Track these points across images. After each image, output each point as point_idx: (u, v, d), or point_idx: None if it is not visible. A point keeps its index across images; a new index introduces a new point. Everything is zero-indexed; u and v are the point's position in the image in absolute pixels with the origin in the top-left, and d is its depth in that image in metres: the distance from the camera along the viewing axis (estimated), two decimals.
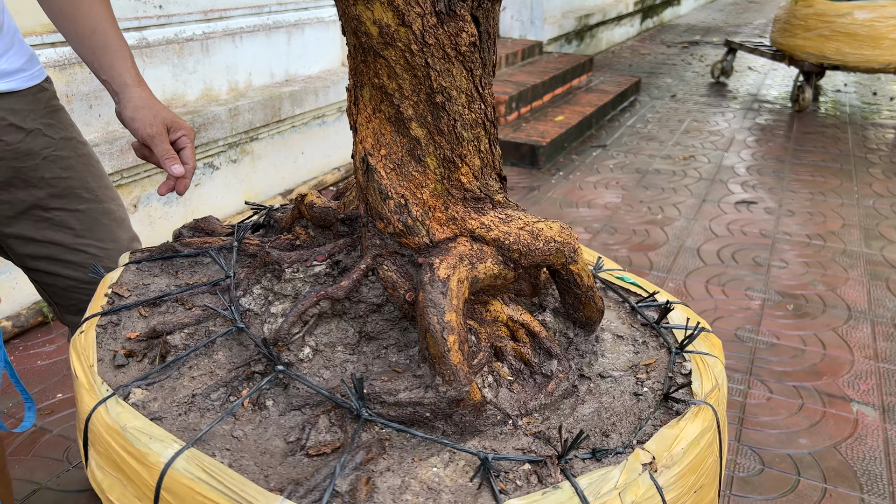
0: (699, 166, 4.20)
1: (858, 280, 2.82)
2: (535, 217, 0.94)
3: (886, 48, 5.11)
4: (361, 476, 0.74)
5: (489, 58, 0.87)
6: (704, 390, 0.90)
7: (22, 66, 1.18)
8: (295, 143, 3.44)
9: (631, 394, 0.91)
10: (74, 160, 1.24)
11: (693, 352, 0.98)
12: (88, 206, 1.25)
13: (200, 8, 2.95)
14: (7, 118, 1.15)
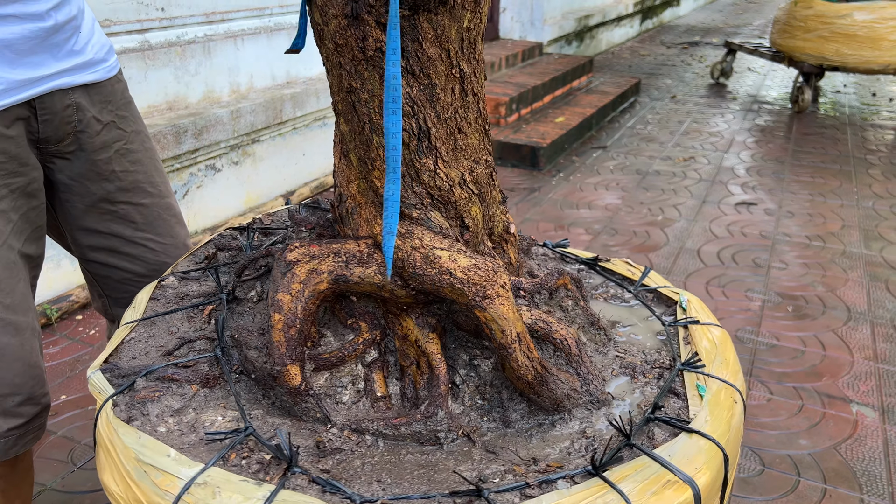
0: (699, 167, 4.21)
1: (858, 281, 2.83)
2: (447, 244, 0.85)
3: (886, 49, 5.12)
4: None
5: (425, 69, 0.82)
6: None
7: (104, 55, 1.18)
8: (296, 145, 3.45)
9: None
10: (142, 154, 1.25)
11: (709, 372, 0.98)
12: (152, 200, 1.26)
13: (202, 10, 2.96)
14: (90, 109, 1.15)
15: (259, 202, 3.28)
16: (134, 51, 2.67)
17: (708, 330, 1.04)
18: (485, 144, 0.91)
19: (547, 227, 3.32)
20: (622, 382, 0.94)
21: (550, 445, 0.83)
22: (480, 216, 0.91)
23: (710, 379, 0.92)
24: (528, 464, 0.79)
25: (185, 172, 2.84)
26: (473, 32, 0.84)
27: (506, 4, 5.71)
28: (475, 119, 0.88)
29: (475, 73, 0.86)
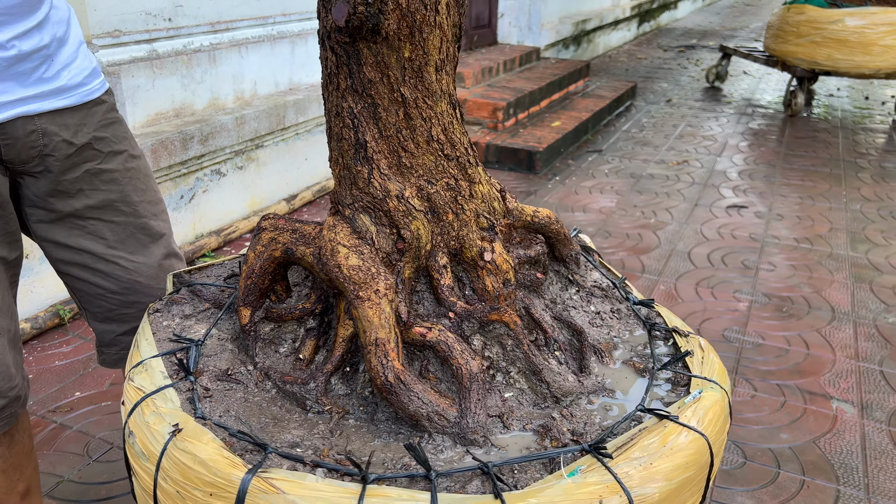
0: (692, 171, 4.31)
1: (843, 282, 2.93)
2: (354, 243, 0.97)
3: (876, 54, 5.21)
4: None
5: (367, 89, 0.92)
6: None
7: (83, 80, 1.19)
8: (299, 150, 3.54)
9: None
10: (120, 174, 1.26)
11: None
12: (125, 219, 1.27)
13: (208, 20, 3.05)
14: (60, 133, 1.16)
15: (263, 206, 3.37)
16: (142, 60, 2.76)
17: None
18: (447, 168, 0.96)
19: None
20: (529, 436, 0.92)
21: (384, 451, 0.87)
22: (427, 233, 0.97)
23: None
24: (341, 452, 0.85)
25: (192, 177, 2.93)
26: (417, 63, 0.90)
27: (504, 10, 5.80)
28: (426, 142, 0.94)
29: (423, 100, 0.92)
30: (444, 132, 0.94)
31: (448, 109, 0.94)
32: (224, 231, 3.07)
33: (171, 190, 2.84)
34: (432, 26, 0.87)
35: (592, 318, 1.12)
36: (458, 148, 0.96)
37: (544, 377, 0.96)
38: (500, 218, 1.01)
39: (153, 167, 2.67)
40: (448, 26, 0.89)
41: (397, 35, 0.87)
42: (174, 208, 2.87)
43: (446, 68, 0.91)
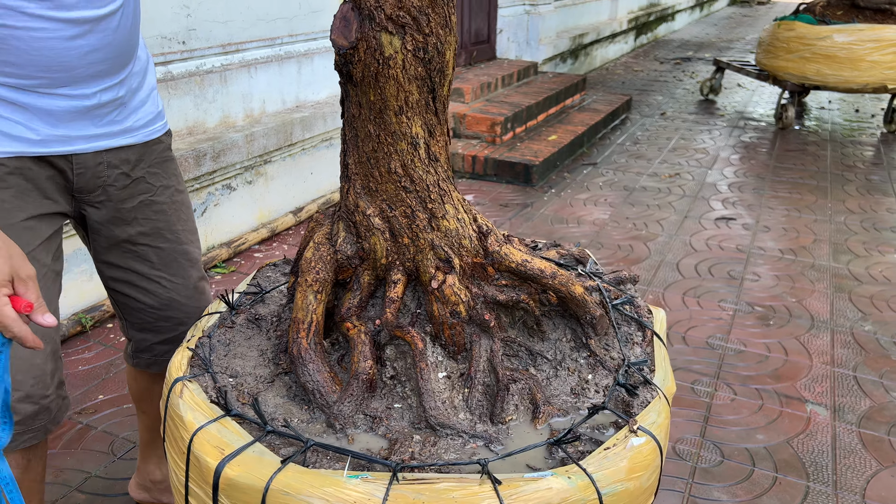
0: (684, 184, 4.46)
1: (823, 292, 3.07)
2: (319, 239, 1.19)
3: (864, 70, 5.38)
4: None
5: (351, 121, 1.11)
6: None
7: (147, 122, 1.36)
8: (305, 165, 3.70)
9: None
10: (167, 205, 1.43)
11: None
12: (169, 245, 1.44)
13: (219, 42, 3.21)
14: (120, 167, 1.33)
15: (270, 218, 3.52)
16: (159, 81, 2.92)
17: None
18: (405, 199, 1.09)
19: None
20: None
21: (284, 406, 1.13)
22: (382, 249, 1.12)
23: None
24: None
25: (204, 192, 3.09)
26: (378, 106, 1.05)
27: (502, 26, 5.98)
28: (388, 173, 1.08)
29: (385, 137, 1.06)
30: (402, 167, 1.08)
31: (408, 149, 1.07)
32: (234, 243, 3.23)
33: None
34: (387, 77, 1.02)
35: (578, 382, 1.14)
36: (418, 184, 1.08)
37: (423, 401, 1.04)
38: (466, 255, 1.11)
39: None
40: (405, 79, 1.02)
41: (362, 81, 1.04)
42: None
43: (407, 113, 1.05)
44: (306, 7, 3.70)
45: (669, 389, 1.13)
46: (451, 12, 1.00)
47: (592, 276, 1.34)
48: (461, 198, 1.13)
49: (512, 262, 1.12)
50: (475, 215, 1.13)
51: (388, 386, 1.10)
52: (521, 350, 1.15)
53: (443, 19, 0.99)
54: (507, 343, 1.15)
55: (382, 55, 1.00)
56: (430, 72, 1.02)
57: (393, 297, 1.11)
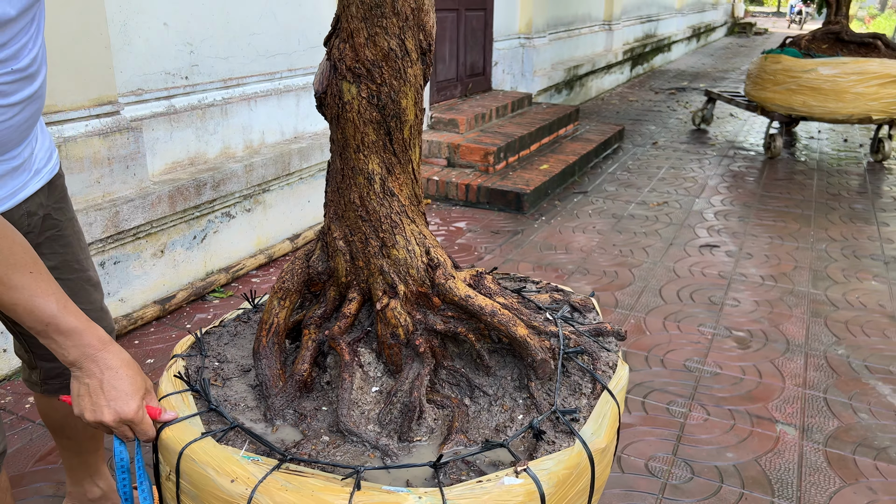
0: (671, 212, 4.59)
1: (800, 317, 3.18)
2: (299, 254, 1.33)
3: (848, 101, 5.53)
4: None
5: (333, 155, 1.26)
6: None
7: (48, 157, 1.34)
8: (302, 193, 3.84)
9: None
10: (72, 237, 1.44)
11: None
12: (76, 275, 1.45)
13: (221, 77, 3.37)
14: (37, 212, 1.32)
15: (268, 244, 3.65)
16: (162, 115, 3.07)
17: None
18: (361, 228, 1.22)
19: (526, 267, 3.68)
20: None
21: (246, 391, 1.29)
22: (343, 269, 1.26)
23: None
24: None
25: (204, 220, 3.23)
26: (341, 143, 1.20)
27: (497, 59, 6.16)
28: (349, 202, 1.22)
29: (347, 171, 1.21)
30: (360, 199, 1.21)
31: (365, 183, 1.20)
32: (232, 268, 3.35)
33: (184, 231, 3.13)
34: (346, 119, 1.17)
35: (506, 420, 1.18)
36: (372, 215, 1.21)
37: (338, 408, 1.14)
38: (412, 283, 1.22)
39: (170, 212, 2.96)
40: (361, 121, 1.16)
41: (331, 122, 1.20)
42: (187, 248, 3.15)
43: (364, 151, 1.18)
44: (305, 43, 3.87)
45: (597, 444, 1.13)
46: (407, 66, 1.13)
47: (566, 321, 1.38)
48: (418, 230, 1.24)
49: (455, 295, 1.20)
50: (428, 248, 1.23)
51: (324, 390, 1.22)
52: (462, 380, 1.23)
53: (396, 72, 1.12)
54: (451, 371, 1.23)
55: (342, 100, 1.15)
56: (384, 116, 1.16)
57: (346, 313, 1.23)
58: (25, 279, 1.01)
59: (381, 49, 1.11)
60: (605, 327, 1.38)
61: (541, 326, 1.27)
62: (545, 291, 1.52)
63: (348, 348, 1.20)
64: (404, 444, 1.12)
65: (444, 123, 5.12)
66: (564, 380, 1.23)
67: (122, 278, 2.86)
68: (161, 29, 3.02)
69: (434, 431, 1.15)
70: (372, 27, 1.11)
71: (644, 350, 2.88)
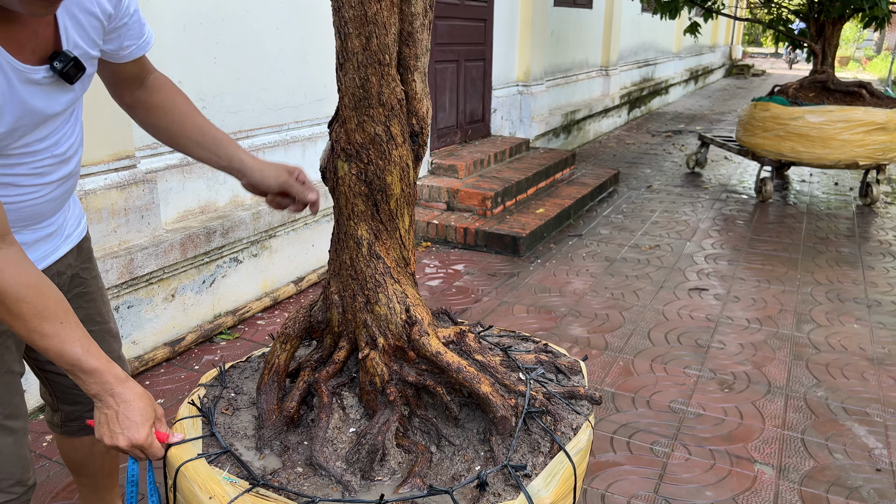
0: (662, 255, 4.75)
1: (783, 360, 3.31)
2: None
3: (835, 147, 5.72)
4: None
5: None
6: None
7: (78, 222, 1.49)
8: (307, 238, 4.02)
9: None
10: (96, 293, 1.58)
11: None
12: (98, 326, 1.59)
13: (231, 129, 3.58)
14: (65, 272, 1.47)
15: (273, 287, 3.82)
16: (175, 167, 3.26)
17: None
18: (350, 285, 1.39)
19: (521, 309, 3.83)
20: None
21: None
22: (336, 320, 1.43)
23: None
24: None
25: (213, 265, 3.40)
26: (337, 211, 1.40)
27: (496, 106, 6.39)
28: (343, 262, 1.40)
29: (342, 234, 1.39)
30: (350, 260, 1.39)
31: (354, 246, 1.38)
32: (239, 311, 3.51)
33: (194, 276, 3.30)
34: (340, 192, 1.36)
35: (463, 470, 1.29)
36: (360, 275, 1.37)
37: (313, 444, 1.30)
38: (391, 337, 1.37)
39: (181, 258, 3.13)
40: (351, 193, 1.35)
41: (330, 192, 1.40)
42: (196, 292, 3.32)
43: (354, 219, 1.37)
44: (311, 96, 4.09)
45: (542, 499, 1.21)
46: (391, 148, 1.31)
47: (541, 383, 1.47)
48: (401, 290, 1.39)
49: (427, 351, 1.34)
50: (409, 306, 1.38)
51: (309, 427, 1.38)
52: (432, 429, 1.36)
53: (381, 153, 1.30)
54: (423, 420, 1.37)
55: (337, 175, 1.33)
56: (371, 190, 1.33)
57: (335, 360, 1.40)
58: (56, 328, 1.18)
59: (368, 134, 1.29)
60: (580, 391, 1.49)
61: (511, 385, 1.40)
62: (534, 352, 1.63)
63: (328, 391, 1.36)
64: (366, 481, 1.26)
65: (444, 169, 5.32)
66: (526, 437, 1.34)
67: (134, 321, 3.02)
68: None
69: (396, 473, 1.29)
70: (361, 115, 1.29)
71: (631, 392, 3.01)
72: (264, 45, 3.70)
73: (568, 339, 3.48)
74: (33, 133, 1.22)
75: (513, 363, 1.52)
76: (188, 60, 3.28)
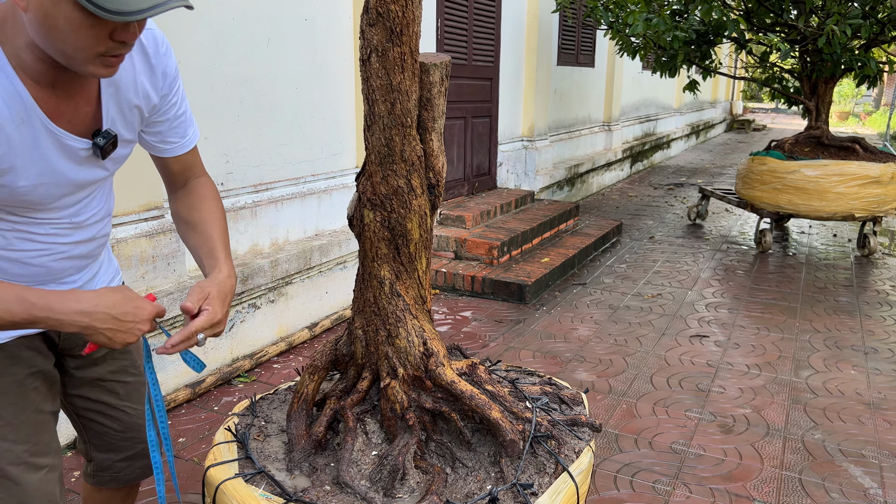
0: (664, 303, 4.89)
1: (781, 403, 3.42)
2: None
3: (831, 200, 5.91)
4: None
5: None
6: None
7: (110, 281, 1.55)
8: (321, 285, 4.19)
9: None
10: (132, 346, 1.62)
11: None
12: (134, 378, 1.65)
13: (252, 182, 3.79)
14: None
15: (288, 332, 3.97)
16: None
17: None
18: (373, 320, 1.55)
19: (527, 354, 3.96)
20: None
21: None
22: (360, 353, 1.59)
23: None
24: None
25: (232, 310, 3.56)
26: (362, 254, 1.57)
27: (502, 160, 6.64)
28: (366, 300, 1.56)
29: (367, 274, 1.56)
30: (373, 298, 1.55)
31: (377, 285, 1.54)
32: (256, 355, 3.66)
33: None
34: (366, 237, 1.53)
35: (475, 489, 1.42)
36: (382, 311, 1.53)
37: (339, 465, 1.43)
38: (410, 368, 1.51)
39: None
40: (375, 238, 1.52)
41: (357, 237, 1.56)
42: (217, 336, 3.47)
43: (377, 261, 1.53)
44: (327, 151, 4.31)
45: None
46: (412, 199, 1.49)
47: (546, 411, 1.61)
48: (419, 325, 1.55)
49: (443, 380, 1.49)
50: (426, 340, 1.54)
51: (335, 450, 1.52)
52: (447, 452, 1.50)
53: (403, 203, 1.48)
54: (439, 444, 1.51)
55: (363, 222, 1.50)
56: (394, 235, 1.51)
57: (359, 389, 1.54)
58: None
59: (392, 186, 1.47)
60: (581, 419, 1.63)
61: (518, 412, 1.54)
62: (539, 384, 1.79)
63: (353, 417, 1.50)
64: (388, 498, 1.39)
65: (452, 219, 5.52)
66: (532, 460, 1.49)
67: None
68: (203, 143, 3.46)
69: (414, 492, 1.42)
70: (385, 170, 1.47)
71: (634, 433, 3.12)
72: (284, 104, 3.94)
73: (573, 382, 3.60)
74: (56, 196, 1.27)
75: (519, 393, 1.66)
76: (215, 117, 3.51)
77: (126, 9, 1.01)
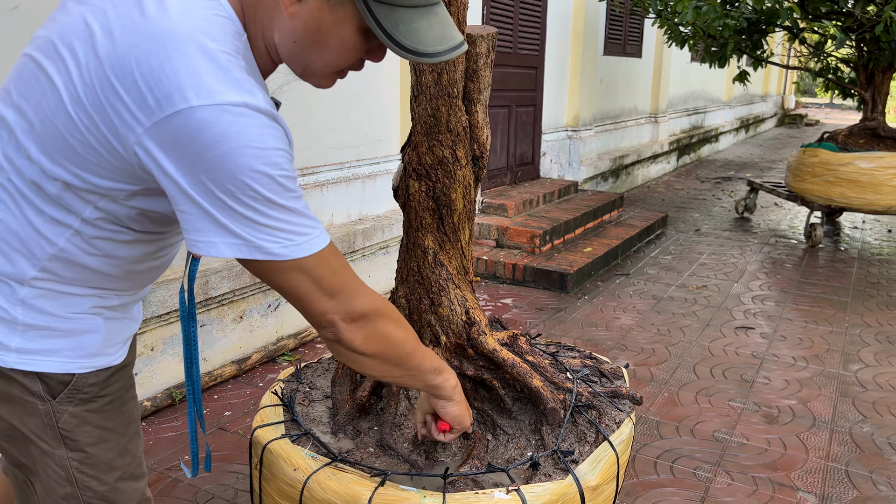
0: (709, 295, 4.81)
1: (829, 396, 3.34)
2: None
3: (886, 193, 5.73)
4: None
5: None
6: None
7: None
8: (364, 269, 4.24)
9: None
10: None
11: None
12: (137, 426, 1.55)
13: (300, 166, 3.86)
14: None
15: None
16: None
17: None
18: (417, 290, 1.57)
19: (567, 341, 3.95)
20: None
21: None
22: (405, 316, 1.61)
23: None
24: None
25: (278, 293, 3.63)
26: (406, 224, 1.59)
27: (545, 149, 6.61)
28: (410, 269, 1.58)
29: (410, 245, 1.59)
30: (417, 267, 1.57)
31: (421, 255, 1.56)
32: (300, 335, 3.73)
33: (261, 300, 3.54)
34: (410, 206, 1.55)
35: (516, 454, 1.45)
36: (425, 280, 1.55)
37: (382, 428, 1.49)
38: (452, 336, 1.53)
39: (250, 283, 3.38)
40: (420, 208, 1.53)
41: (402, 207, 1.59)
42: (263, 315, 3.55)
43: (421, 231, 1.55)
44: (372, 137, 4.36)
45: (588, 482, 1.36)
46: (457, 169, 1.50)
47: (587, 383, 1.62)
48: (461, 294, 1.57)
49: (485, 348, 1.51)
50: (468, 309, 1.56)
51: (378, 414, 1.55)
52: (488, 420, 1.52)
53: (448, 173, 1.50)
54: (480, 412, 1.53)
55: (408, 192, 1.52)
56: (438, 205, 1.52)
57: None
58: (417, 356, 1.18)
59: (437, 156, 1.49)
60: (622, 391, 1.64)
61: (559, 382, 1.56)
62: (580, 358, 1.80)
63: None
64: (430, 461, 1.42)
65: (494, 208, 5.52)
66: (573, 429, 1.50)
67: (206, 340, 3.26)
68: None
69: (456, 456, 1.45)
70: (431, 140, 1.49)
71: (675, 421, 3.09)
72: (333, 88, 4.00)
73: None
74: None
75: (560, 366, 1.67)
76: None
77: (432, 51, 0.96)
